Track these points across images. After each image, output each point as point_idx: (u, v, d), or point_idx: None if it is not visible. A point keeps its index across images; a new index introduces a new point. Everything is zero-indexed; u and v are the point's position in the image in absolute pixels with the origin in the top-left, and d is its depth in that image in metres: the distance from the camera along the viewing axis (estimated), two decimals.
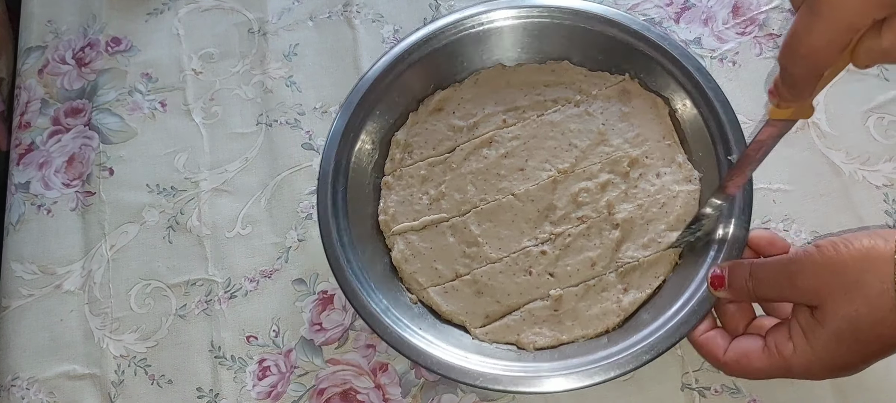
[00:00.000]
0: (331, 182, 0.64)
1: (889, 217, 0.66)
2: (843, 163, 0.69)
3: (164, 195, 0.72)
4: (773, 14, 0.76)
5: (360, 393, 0.63)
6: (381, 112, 0.69)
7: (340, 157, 0.65)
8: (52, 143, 0.76)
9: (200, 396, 0.64)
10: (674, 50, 0.66)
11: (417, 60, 0.69)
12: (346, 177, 0.65)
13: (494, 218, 0.65)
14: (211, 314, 0.67)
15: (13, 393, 0.65)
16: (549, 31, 0.70)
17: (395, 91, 0.69)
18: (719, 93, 0.64)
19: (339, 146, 0.65)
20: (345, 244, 0.62)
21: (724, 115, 0.63)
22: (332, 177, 0.64)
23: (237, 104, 0.77)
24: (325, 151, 0.65)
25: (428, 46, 0.69)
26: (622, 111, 0.68)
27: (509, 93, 0.70)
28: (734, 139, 0.62)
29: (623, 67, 0.69)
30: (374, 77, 0.68)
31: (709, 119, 0.64)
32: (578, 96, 0.69)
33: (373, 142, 0.68)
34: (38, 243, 0.71)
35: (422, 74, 0.70)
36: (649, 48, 0.67)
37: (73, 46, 0.81)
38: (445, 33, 0.70)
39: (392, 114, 0.69)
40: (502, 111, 0.69)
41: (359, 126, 0.67)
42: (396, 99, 0.69)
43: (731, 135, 0.62)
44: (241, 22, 0.81)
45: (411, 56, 0.69)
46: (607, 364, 0.56)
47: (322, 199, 0.63)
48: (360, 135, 0.67)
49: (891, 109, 0.71)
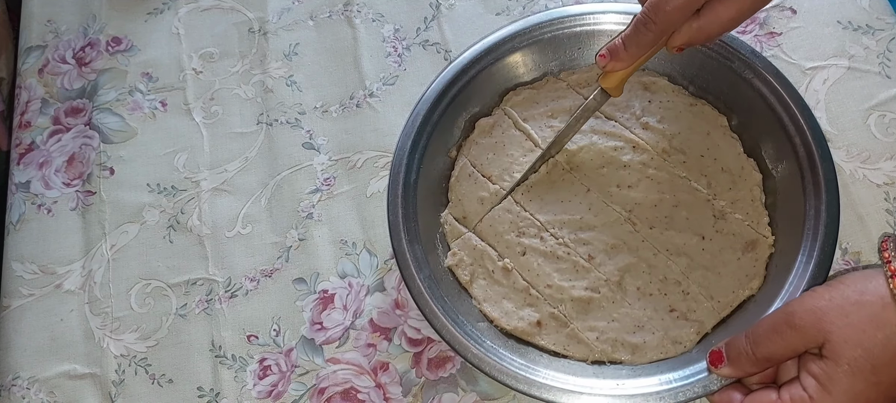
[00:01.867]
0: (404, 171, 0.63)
1: (890, 216, 0.66)
2: (843, 161, 0.69)
3: (164, 194, 0.72)
4: (773, 13, 0.76)
5: (361, 392, 0.63)
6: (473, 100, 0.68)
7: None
8: (52, 143, 0.76)
9: (201, 395, 0.64)
10: (781, 85, 0.64)
11: (519, 47, 0.69)
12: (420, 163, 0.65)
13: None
14: (211, 313, 0.67)
15: (14, 393, 0.65)
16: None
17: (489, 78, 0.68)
18: (825, 149, 0.61)
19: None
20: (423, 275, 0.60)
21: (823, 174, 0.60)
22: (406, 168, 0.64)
23: (237, 104, 0.77)
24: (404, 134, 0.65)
25: (527, 37, 0.69)
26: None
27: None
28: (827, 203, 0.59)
29: (726, 96, 0.66)
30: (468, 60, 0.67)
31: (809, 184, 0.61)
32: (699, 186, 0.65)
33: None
34: (38, 243, 0.71)
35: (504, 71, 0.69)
36: (755, 78, 0.64)
37: (74, 46, 0.81)
38: (544, 28, 0.69)
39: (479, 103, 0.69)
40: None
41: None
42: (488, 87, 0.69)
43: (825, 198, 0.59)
44: (241, 21, 0.81)
45: (509, 44, 0.68)
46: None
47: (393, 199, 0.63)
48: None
49: (891, 107, 0.70)
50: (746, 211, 0.63)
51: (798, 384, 0.50)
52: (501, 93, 0.70)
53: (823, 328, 0.48)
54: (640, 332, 0.60)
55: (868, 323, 0.47)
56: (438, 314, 0.58)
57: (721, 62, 0.66)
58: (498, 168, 0.67)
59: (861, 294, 0.48)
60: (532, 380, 0.56)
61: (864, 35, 0.74)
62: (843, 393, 0.48)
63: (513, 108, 0.69)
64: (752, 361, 0.52)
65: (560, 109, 0.69)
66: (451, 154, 0.68)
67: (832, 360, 0.48)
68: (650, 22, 0.57)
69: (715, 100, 0.67)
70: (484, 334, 0.59)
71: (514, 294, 0.62)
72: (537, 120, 0.68)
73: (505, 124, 0.69)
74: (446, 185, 0.67)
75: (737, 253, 0.62)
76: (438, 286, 0.60)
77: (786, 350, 0.51)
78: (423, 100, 0.66)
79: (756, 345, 0.51)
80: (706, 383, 0.54)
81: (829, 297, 0.50)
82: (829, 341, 0.48)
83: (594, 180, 0.66)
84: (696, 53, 0.67)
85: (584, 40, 0.69)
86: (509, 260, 0.63)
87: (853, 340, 0.47)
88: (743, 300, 0.60)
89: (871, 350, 0.47)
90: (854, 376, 0.47)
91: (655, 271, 0.62)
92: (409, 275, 0.59)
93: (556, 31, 0.69)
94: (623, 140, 0.67)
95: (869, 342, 0.47)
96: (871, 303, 0.48)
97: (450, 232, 0.65)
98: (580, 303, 0.61)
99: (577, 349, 0.60)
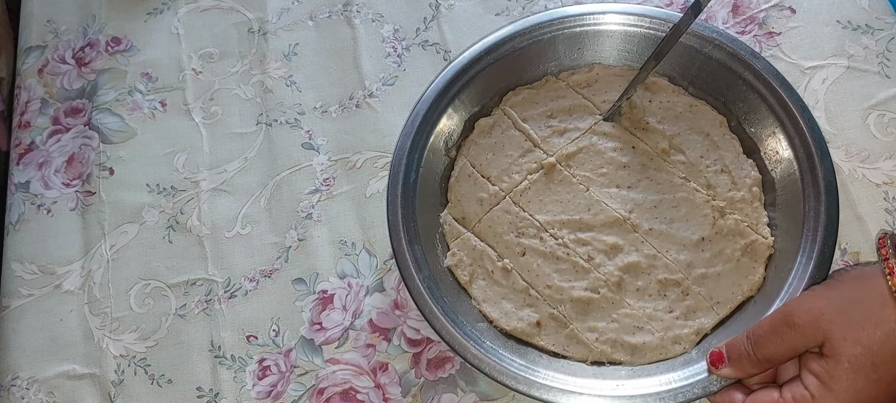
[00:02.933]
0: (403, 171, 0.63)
1: (889, 215, 0.66)
2: (842, 161, 0.69)
3: (163, 195, 0.72)
4: (772, 12, 0.76)
5: (360, 393, 0.63)
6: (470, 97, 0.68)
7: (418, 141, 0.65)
8: (51, 143, 0.76)
9: (200, 396, 0.64)
10: (780, 87, 0.64)
11: (510, 53, 0.68)
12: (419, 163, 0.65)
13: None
14: (211, 313, 0.67)
15: (13, 393, 0.65)
16: (653, 43, 0.67)
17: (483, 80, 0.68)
18: (821, 142, 0.61)
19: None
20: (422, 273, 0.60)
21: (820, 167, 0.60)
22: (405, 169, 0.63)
23: (237, 104, 0.77)
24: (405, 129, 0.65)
25: (518, 41, 0.68)
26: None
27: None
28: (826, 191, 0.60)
29: (725, 96, 0.67)
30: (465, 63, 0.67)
31: (806, 173, 0.61)
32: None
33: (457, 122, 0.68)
34: (37, 243, 0.71)
35: (505, 69, 0.69)
36: (755, 80, 0.65)
37: (73, 46, 0.81)
38: (544, 28, 0.69)
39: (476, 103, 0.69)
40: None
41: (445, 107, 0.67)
42: (484, 87, 0.69)
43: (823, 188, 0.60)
44: (240, 21, 0.81)
45: (503, 47, 0.68)
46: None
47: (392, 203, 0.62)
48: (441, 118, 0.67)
49: (891, 107, 0.70)
50: (746, 211, 0.63)
51: (799, 383, 0.50)
52: (501, 94, 0.70)
53: (823, 327, 0.49)
54: (640, 333, 0.60)
55: (867, 320, 0.48)
56: (438, 314, 0.58)
57: (720, 63, 0.66)
58: (497, 168, 0.67)
59: (859, 292, 0.49)
60: (532, 381, 0.56)
61: (864, 35, 0.74)
62: (845, 391, 0.48)
63: (512, 108, 0.69)
64: (753, 362, 0.52)
65: (559, 109, 0.69)
66: (451, 154, 0.68)
67: (833, 358, 0.48)
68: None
69: (714, 100, 0.67)
70: (483, 334, 0.59)
71: (514, 294, 0.62)
72: (536, 120, 0.68)
73: (504, 124, 0.69)
74: (446, 185, 0.67)
75: (736, 253, 0.62)
76: (438, 286, 0.60)
77: (786, 350, 0.51)
78: (423, 100, 0.66)
79: (757, 346, 0.51)
80: (706, 384, 0.54)
81: (827, 296, 0.50)
82: (829, 340, 0.48)
83: (594, 180, 0.66)
84: (695, 55, 0.67)
85: (583, 41, 0.69)
86: (509, 260, 0.63)
87: (853, 338, 0.48)
88: (742, 300, 0.60)
89: (871, 348, 0.47)
90: (855, 373, 0.48)
91: (655, 272, 0.62)
92: (409, 276, 0.59)
93: (556, 32, 0.69)
94: (622, 141, 0.67)
95: (868, 339, 0.47)
96: (869, 301, 0.48)
97: (449, 233, 0.65)
98: (580, 304, 0.61)
99: (576, 349, 0.60)
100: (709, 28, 0.67)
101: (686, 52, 0.67)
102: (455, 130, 0.68)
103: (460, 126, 0.68)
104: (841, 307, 0.49)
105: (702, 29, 0.66)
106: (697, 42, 0.66)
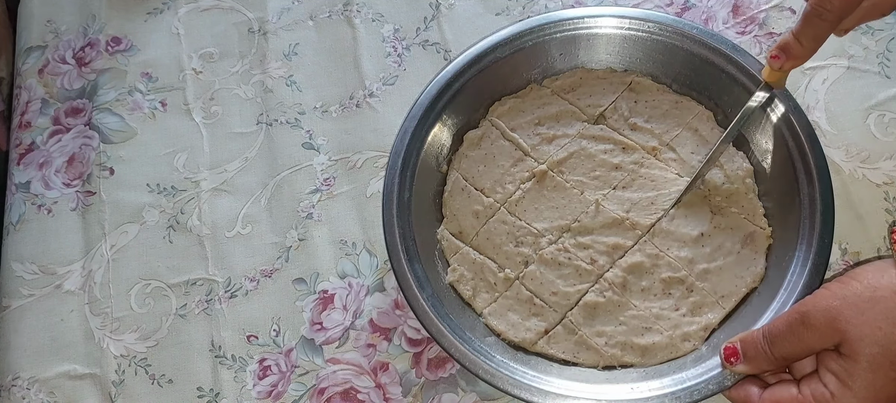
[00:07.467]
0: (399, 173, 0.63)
1: (889, 215, 0.66)
2: (842, 161, 0.69)
3: (164, 195, 0.72)
4: (772, 13, 0.76)
5: (361, 393, 0.63)
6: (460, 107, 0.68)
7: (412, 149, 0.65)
8: (52, 143, 0.76)
9: (201, 395, 0.64)
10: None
11: (503, 57, 0.68)
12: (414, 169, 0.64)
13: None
14: (211, 313, 0.67)
15: (14, 393, 0.65)
16: (634, 43, 0.68)
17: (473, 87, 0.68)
18: (813, 136, 0.62)
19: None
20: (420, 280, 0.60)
21: (810, 153, 0.61)
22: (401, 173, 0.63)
23: (237, 104, 0.77)
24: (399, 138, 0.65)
25: (500, 52, 0.68)
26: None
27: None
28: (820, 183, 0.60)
29: (709, 91, 0.67)
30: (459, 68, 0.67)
31: (797, 161, 0.62)
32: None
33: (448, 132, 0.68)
34: (38, 243, 0.71)
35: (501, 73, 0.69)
36: (738, 72, 0.65)
37: (73, 46, 0.81)
38: (532, 34, 0.68)
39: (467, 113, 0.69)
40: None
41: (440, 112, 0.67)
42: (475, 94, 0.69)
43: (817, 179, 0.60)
44: (240, 21, 0.81)
45: (485, 59, 0.68)
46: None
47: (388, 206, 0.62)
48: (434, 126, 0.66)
49: (891, 107, 0.70)
50: (741, 204, 0.63)
51: (818, 380, 0.50)
52: (486, 105, 0.69)
53: (839, 327, 0.49)
54: (649, 333, 0.60)
55: (883, 319, 0.48)
56: (446, 333, 0.58)
57: (702, 59, 0.66)
58: (490, 180, 0.67)
59: (874, 290, 0.49)
60: (547, 392, 0.56)
61: (864, 35, 0.74)
62: (864, 389, 0.48)
63: (499, 119, 0.69)
64: (769, 360, 0.52)
65: (546, 116, 0.69)
66: (442, 168, 0.68)
67: (851, 358, 0.48)
68: (825, 11, 0.56)
69: (699, 96, 0.68)
70: (492, 348, 0.59)
71: (519, 305, 0.62)
72: (524, 128, 0.69)
73: (493, 135, 0.68)
74: (440, 201, 0.67)
75: (736, 246, 0.62)
76: (442, 304, 0.60)
77: (803, 350, 0.51)
78: (411, 117, 0.65)
79: (773, 345, 0.52)
80: (720, 380, 0.54)
81: (842, 295, 0.50)
82: (846, 340, 0.49)
83: (588, 184, 0.66)
84: (676, 51, 0.67)
85: (566, 46, 0.69)
86: (510, 270, 0.63)
87: (870, 337, 0.48)
88: (747, 292, 0.61)
89: (889, 347, 0.47)
90: (874, 372, 0.48)
91: (658, 271, 0.62)
92: (413, 296, 0.59)
93: (538, 39, 0.69)
94: (612, 142, 0.67)
95: (885, 338, 0.48)
96: (884, 299, 0.48)
97: (447, 248, 0.65)
98: (586, 309, 0.61)
99: (586, 355, 0.60)
100: (688, 24, 0.67)
101: (667, 49, 0.67)
102: (444, 145, 0.68)
103: (449, 140, 0.68)
104: (856, 306, 0.49)
105: (681, 25, 0.67)
106: (678, 39, 0.67)
